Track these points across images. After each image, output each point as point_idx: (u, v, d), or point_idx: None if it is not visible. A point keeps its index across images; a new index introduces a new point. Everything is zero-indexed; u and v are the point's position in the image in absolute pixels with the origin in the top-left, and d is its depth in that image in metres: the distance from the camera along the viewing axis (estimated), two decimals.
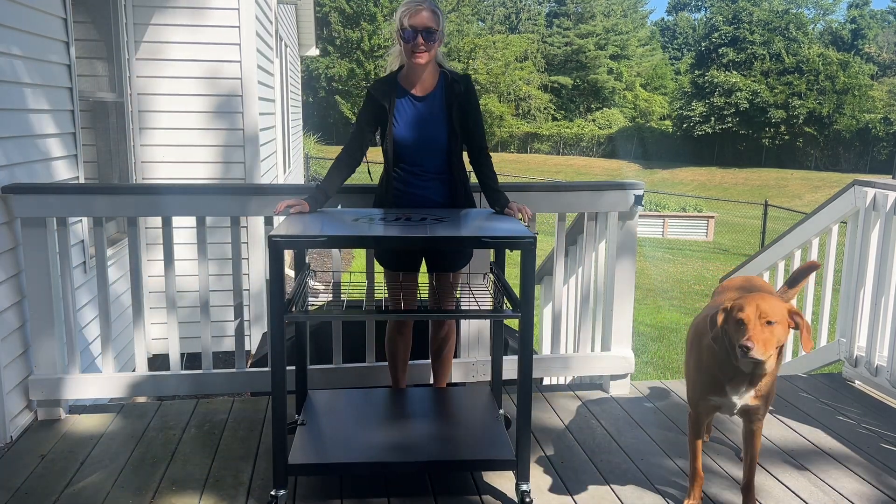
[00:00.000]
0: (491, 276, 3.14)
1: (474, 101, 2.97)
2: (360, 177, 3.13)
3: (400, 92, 2.94)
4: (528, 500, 2.56)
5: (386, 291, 3.08)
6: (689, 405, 2.57)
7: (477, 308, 3.00)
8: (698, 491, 2.60)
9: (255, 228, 5.47)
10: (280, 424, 2.46)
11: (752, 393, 2.39)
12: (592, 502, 2.66)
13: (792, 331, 2.33)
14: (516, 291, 2.52)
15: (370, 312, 2.79)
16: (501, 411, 3.01)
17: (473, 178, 3.11)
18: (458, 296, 3.07)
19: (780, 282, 4.27)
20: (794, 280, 2.84)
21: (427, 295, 3.12)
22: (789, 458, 3.01)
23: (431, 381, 3.37)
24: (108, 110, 5.25)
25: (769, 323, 2.22)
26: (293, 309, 2.51)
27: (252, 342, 5.25)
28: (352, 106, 50.33)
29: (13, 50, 3.46)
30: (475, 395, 3.17)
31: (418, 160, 2.95)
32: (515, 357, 2.87)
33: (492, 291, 3.01)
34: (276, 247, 2.37)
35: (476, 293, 3.22)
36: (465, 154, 3.05)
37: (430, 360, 3.51)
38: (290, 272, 7.78)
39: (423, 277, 3.22)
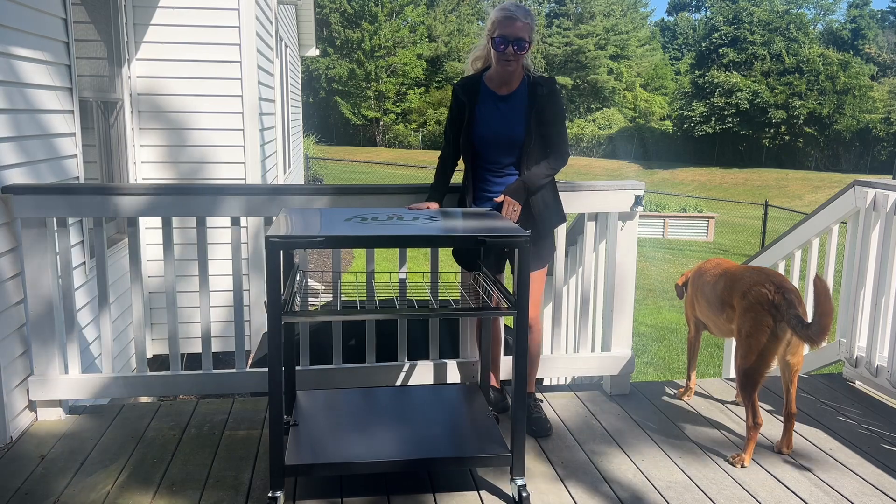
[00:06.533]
0: (479, 274, 3.15)
1: (556, 106, 2.99)
2: (360, 177, 3.13)
3: (484, 91, 3.01)
4: (524, 493, 2.56)
5: (385, 292, 3.10)
6: None
7: (471, 306, 3.00)
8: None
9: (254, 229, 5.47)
10: (277, 425, 2.45)
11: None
12: (593, 503, 2.66)
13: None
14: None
15: (368, 312, 2.79)
16: (490, 409, 3.02)
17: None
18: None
19: None
20: None
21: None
22: (789, 458, 3.01)
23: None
24: (108, 110, 5.25)
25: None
26: (286, 309, 2.50)
27: (252, 342, 5.25)
28: (352, 107, 50.38)
29: (13, 50, 3.46)
30: (465, 394, 3.19)
31: (495, 157, 3.01)
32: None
33: (484, 289, 3.01)
34: (273, 247, 2.36)
35: (470, 292, 3.23)
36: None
37: (430, 361, 3.53)
38: None
39: (412, 276, 3.22)
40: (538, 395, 3.46)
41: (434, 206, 3.08)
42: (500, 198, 2.93)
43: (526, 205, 3.00)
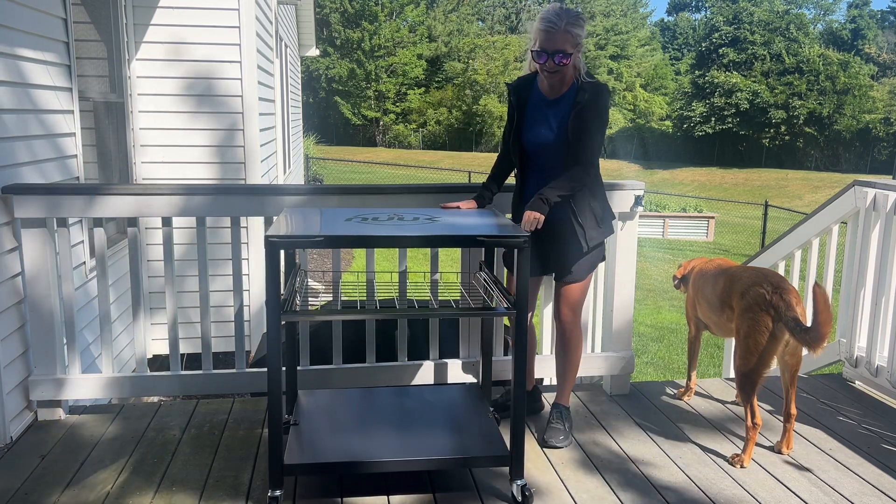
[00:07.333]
0: (481, 274, 3.15)
1: (593, 113, 2.86)
2: (360, 177, 3.13)
3: (534, 94, 2.99)
4: (527, 493, 2.56)
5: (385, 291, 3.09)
6: None
7: (471, 306, 3.01)
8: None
9: (255, 229, 5.47)
10: (276, 425, 2.45)
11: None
12: (592, 503, 2.66)
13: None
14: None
15: (368, 312, 2.79)
16: (491, 409, 3.02)
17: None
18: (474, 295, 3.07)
19: None
20: None
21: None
22: (789, 458, 3.01)
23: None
24: (108, 110, 5.25)
25: None
26: (286, 308, 2.50)
27: (252, 342, 5.26)
28: (352, 107, 50.38)
29: (13, 50, 3.46)
30: (465, 394, 3.19)
31: (541, 161, 2.99)
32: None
33: (483, 290, 3.02)
34: (272, 247, 2.36)
35: (471, 292, 3.23)
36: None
37: (430, 361, 3.53)
38: None
39: (412, 276, 3.20)
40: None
41: (468, 204, 3.06)
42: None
43: (570, 220, 2.93)
